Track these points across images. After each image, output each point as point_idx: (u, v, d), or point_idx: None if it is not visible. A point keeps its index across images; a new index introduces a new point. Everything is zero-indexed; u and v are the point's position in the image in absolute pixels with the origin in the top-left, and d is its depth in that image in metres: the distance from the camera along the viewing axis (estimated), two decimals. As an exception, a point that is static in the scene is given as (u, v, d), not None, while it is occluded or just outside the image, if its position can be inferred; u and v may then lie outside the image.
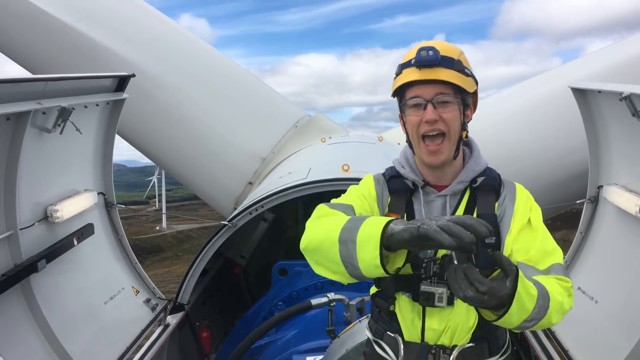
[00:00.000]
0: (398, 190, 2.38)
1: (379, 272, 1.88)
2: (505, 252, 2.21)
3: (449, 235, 1.67)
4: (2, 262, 3.64)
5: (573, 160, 7.47)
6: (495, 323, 1.95)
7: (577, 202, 5.03)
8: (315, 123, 9.34)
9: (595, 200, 4.70)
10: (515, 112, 8.72)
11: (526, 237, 2.23)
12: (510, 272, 1.79)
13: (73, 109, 3.98)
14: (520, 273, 1.83)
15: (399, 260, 1.96)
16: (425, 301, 2.17)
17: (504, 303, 1.81)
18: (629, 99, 3.53)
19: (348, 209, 2.30)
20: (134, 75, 4.88)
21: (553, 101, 7.93)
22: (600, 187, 4.61)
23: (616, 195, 4.22)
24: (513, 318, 1.87)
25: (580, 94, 4.49)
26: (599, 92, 4.21)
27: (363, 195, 2.42)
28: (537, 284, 1.96)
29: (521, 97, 9.01)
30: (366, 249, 1.87)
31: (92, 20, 8.19)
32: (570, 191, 7.19)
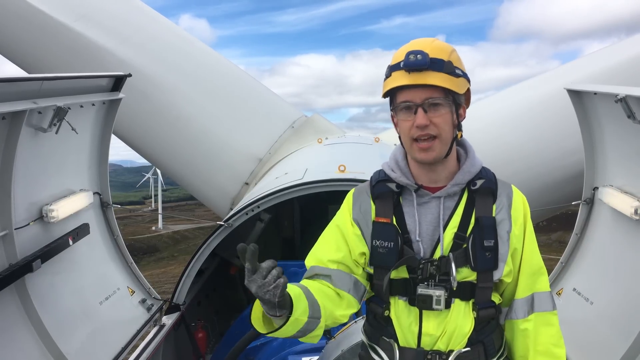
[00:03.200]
0: (383, 194, 2.35)
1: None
2: (506, 270, 2.23)
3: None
4: (-3, 262, 3.62)
5: (569, 162, 7.50)
6: None
7: (573, 203, 5.04)
8: (312, 124, 9.34)
9: (590, 202, 4.71)
10: (512, 113, 8.74)
11: (520, 256, 2.29)
12: None
13: (69, 108, 3.97)
14: None
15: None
16: (423, 304, 2.18)
17: None
18: (624, 100, 3.54)
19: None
20: (130, 75, 4.87)
21: (550, 103, 7.95)
22: (595, 188, 4.62)
23: (611, 197, 4.23)
24: None
25: (576, 95, 4.50)
26: (595, 93, 4.22)
27: (337, 225, 2.43)
28: None
29: (518, 98, 9.03)
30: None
31: (89, 20, 8.16)
32: (566, 192, 7.21)
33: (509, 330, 2.36)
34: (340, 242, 2.39)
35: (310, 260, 2.48)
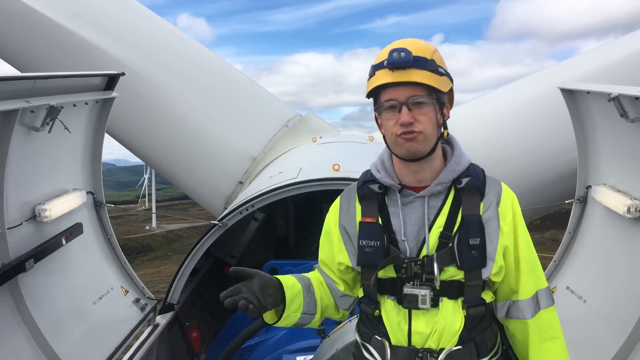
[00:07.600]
0: (368, 195, 2.38)
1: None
2: (495, 267, 2.22)
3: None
4: (-10, 261, 3.61)
5: (563, 161, 7.52)
6: None
7: (566, 202, 5.06)
8: (306, 123, 9.35)
9: (584, 200, 4.73)
10: (505, 111, 8.75)
11: (513, 254, 2.28)
12: None
13: (62, 107, 3.95)
14: None
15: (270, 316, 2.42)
16: (409, 303, 2.19)
17: None
18: (617, 99, 3.56)
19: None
20: (123, 74, 4.85)
21: (544, 101, 7.97)
22: (588, 187, 4.64)
23: (604, 195, 4.25)
24: None
25: (569, 94, 4.52)
26: (588, 92, 4.23)
27: (327, 232, 2.54)
28: None
29: (512, 97, 9.04)
30: None
31: (82, 18, 8.12)
32: (560, 191, 7.23)
33: (514, 327, 2.36)
34: (326, 245, 2.54)
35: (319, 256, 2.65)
